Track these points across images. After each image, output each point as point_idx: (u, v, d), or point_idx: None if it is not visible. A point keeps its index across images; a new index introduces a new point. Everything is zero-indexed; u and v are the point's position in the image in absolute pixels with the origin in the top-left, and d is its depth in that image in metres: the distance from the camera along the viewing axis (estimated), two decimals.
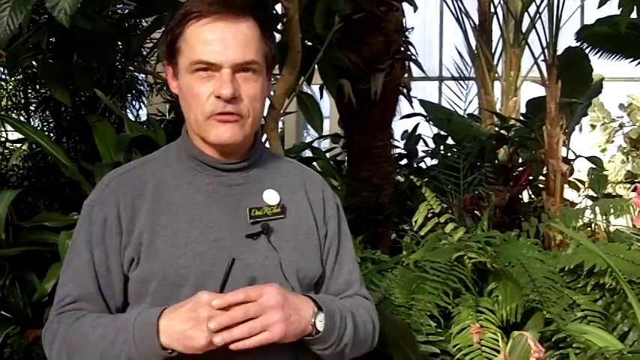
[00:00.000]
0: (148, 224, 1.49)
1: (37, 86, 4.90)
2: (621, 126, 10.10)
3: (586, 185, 5.25)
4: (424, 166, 5.69)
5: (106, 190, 1.54)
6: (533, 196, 5.10)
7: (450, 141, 5.33)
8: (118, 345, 1.39)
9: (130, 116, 5.29)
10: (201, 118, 1.48)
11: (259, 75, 1.51)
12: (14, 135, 4.80)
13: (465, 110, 7.21)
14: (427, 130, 6.15)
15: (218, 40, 1.45)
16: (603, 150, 10.10)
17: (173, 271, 1.46)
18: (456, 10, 7.27)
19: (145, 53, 5.03)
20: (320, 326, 1.45)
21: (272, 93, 1.70)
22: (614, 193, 6.65)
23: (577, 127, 6.83)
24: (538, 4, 5.26)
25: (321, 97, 4.65)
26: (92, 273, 1.49)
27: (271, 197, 1.57)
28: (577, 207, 4.61)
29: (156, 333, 1.35)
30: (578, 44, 6.92)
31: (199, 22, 1.46)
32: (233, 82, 1.45)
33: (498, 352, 2.64)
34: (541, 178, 4.89)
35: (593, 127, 10.29)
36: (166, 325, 1.36)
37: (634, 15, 4.00)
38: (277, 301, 1.37)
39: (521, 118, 6.15)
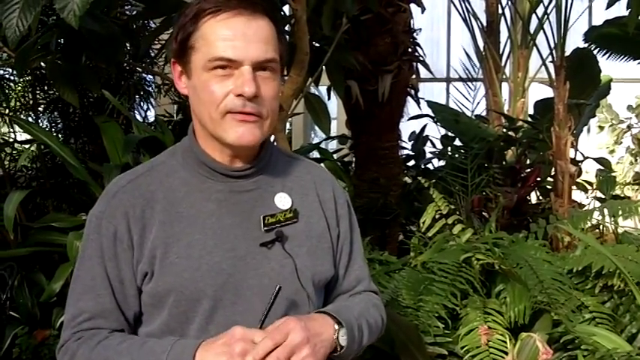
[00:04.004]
0: (161, 237, 1.45)
1: (46, 87, 4.91)
2: (629, 127, 10.08)
3: (594, 187, 5.23)
4: (432, 167, 5.69)
5: (113, 202, 1.48)
6: (541, 197, 5.09)
7: (457, 142, 5.33)
8: None
9: (138, 117, 5.29)
10: (217, 115, 1.41)
11: (276, 75, 1.46)
12: (23, 136, 4.81)
13: (472, 111, 7.19)
14: (435, 131, 6.14)
15: (239, 36, 1.39)
16: (611, 151, 10.08)
17: (190, 285, 1.43)
18: (463, 11, 7.26)
19: (153, 54, 5.04)
20: (343, 341, 1.45)
21: (280, 94, 1.70)
22: (622, 195, 6.65)
23: (585, 129, 6.82)
24: (546, 5, 5.25)
25: (329, 98, 4.66)
26: (108, 288, 1.46)
27: (283, 201, 1.54)
28: (585, 208, 4.60)
29: None
30: (586, 45, 6.91)
31: (217, 17, 1.40)
32: (255, 80, 1.40)
33: (506, 353, 2.64)
34: (549, 179, 4.88)
35: (602, 128, 10.27)
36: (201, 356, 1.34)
37: None
38: (302, 337, 1.35)
39: (529, 119, 6.14)
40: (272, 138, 3.06)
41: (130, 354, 1.39)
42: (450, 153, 5.16)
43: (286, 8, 3.39)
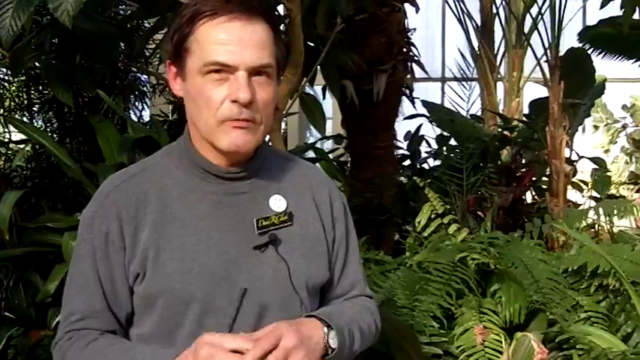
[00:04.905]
0: (153, 238, 1.44)
1: (40, 87, 4.89)
2: (624, 127, 10.12)
3: (589, 186, 5.25)
4: (427, 167, 5.69)
5: (106, 202, 1.47)
6: (536, 197, 5.10)
7: (452, 142, 5.33)
8: None
9: (133, 117, 5.28)
10: (213, 123, 1.40)
11: (272, 79, 1.44)
12: (18, 136, 4.79)
13: (467, 111, 7.19)
14: (430, 131, 6.14)
15: (234, 41, 1.37)
16: (606, 151, 10.13)
17: (181, 287, 1.42)
18: (458, 11, 7.27)
19: (147, 54, 5.03)
20: (333, 344, 1.44)
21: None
22: (617, 194, 6.66)
23: (580, 128, 6.82)
24: (540, 4, 5.26)
25: (324, 97, 4.65)
26: (99, 289, 1.46)
27: (278, 204, 1.52)
28: (580, 208, 4.61)
29: None
30: (581, 45, 6.91)
31: (213, 20, 1.38)
32: (250, 85, 1.38)
33: (501, 353, 2.65)
34: (544, 179, 4.89)
35: (596, 127, 10.31)
36: None
37: (636, 16, 4.01)
38: (296, 341, 1.34)
39: (524, 119, 6.15)
40: (267, 138, 3.05)
41: (115, 358, 1.40)
42: (445, 153, 5.16)
43: (280, 8, 3.39)
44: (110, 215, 1.46)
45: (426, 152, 5.85)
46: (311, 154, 5.92)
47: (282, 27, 3.28)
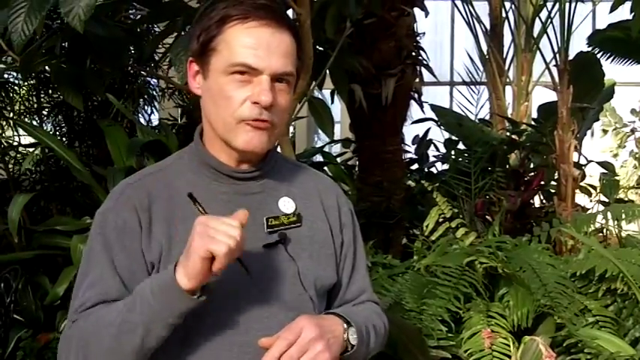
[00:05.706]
0: (165, 233, 1.46)
1: (50, 91, 4.91)
2: (633, 131, 10.09)
3: (598, 190, 5.23)
4: (435, 171, 5.68)
5: (121, 198, 1.50)
6: (544, 201, 5.08)
7: (461, 146, 5.32)
8: (136, 312, 1.34)
9: (142, 121, 5.30)
10: (232, 121, 1.45)
11: (290, 88, 1.50)
12: (27, 139, 4.82)
13: (476, 115, 7.17)
14: (438, 134, 6.13)
15: (263, 46, 1.42)
16: (615, 155, 10.10)
17: None
18: (467, 14, 7.26)
19: (157, 58, 5.04)
20: (353, 340, 1.48)
21: None
22: (625, 199, 6.66)
23: (589, 132, 6.81)
24: (549, 8, 5.25)
25: (332, 101, 4.66)
26: (116, 277, 1.44)
27: (287, 205, 1.56)
28: (589, 212, 4.60)
29: (174, 278, 1.32)
30: (590, 49, 6.90)
31: (245, 24, 1.43)
32: (272, 90, 1.43)
33: (509, 357, 2.64)
34: (552, 183, 4.88)
35: (605, 132, 10.29)
36: (180, 265, 1.32)
37: None
38: (315, 333, 1.37)
39: (533, 123, 6.14)
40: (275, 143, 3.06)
41: (117, 307, 1.39)
42: (453, 157, 5.15)
43: (290, 12, 3.40)
44: (125, 208, 1.48)
45: (434, 156, 5.84)
46: (319, 157, 5.93)
47: None
